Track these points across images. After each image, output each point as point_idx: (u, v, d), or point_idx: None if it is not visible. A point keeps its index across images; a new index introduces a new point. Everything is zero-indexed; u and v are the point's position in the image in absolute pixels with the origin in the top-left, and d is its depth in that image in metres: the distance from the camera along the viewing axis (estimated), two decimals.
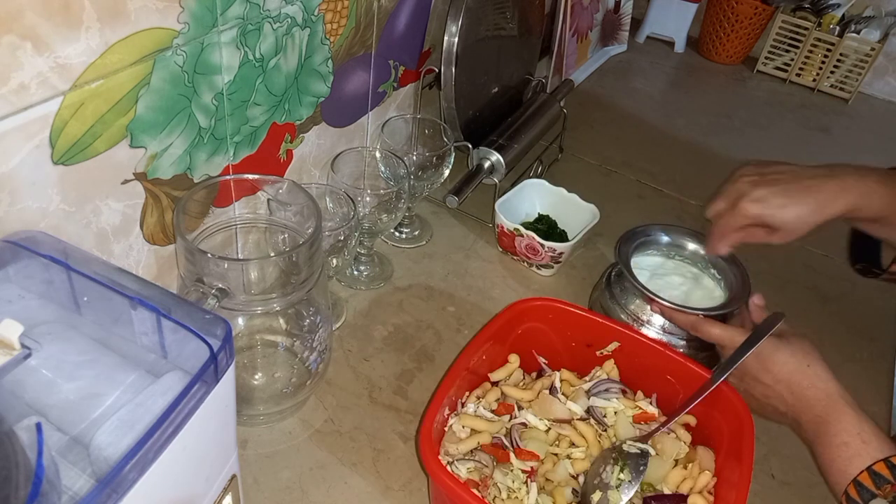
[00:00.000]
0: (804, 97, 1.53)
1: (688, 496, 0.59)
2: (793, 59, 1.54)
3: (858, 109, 1.51)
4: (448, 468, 0.56)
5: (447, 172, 0.87)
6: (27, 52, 0.44)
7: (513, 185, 0.97)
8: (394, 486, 0.64)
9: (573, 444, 0.63)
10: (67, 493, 0.39)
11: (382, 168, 0.82)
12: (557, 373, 0.68)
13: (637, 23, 1.64)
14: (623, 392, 0.67)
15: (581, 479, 0.61)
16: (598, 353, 0.69)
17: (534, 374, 0.70)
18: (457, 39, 0.87)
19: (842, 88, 1.53)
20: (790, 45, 1.53)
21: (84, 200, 0.53)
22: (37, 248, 0.46)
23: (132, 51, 0.51)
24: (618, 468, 0.59)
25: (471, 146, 0.96)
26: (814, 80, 1.54)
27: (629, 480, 0.58)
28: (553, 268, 0.90)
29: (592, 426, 0.64)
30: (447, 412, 0.62)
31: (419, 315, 0.83)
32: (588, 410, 0.65)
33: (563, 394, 0.66)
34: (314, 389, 0.71)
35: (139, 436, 0.36)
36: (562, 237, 0.93)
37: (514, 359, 0.69)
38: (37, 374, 0.42)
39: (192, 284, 0.54)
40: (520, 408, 0.65)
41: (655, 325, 0.77)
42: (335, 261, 0.72)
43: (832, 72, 1.51)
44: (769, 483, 0.70)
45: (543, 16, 1.13)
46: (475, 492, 0.54)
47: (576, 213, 0.93)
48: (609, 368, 0.68)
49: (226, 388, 0.44)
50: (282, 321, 0.71)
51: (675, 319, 0.74)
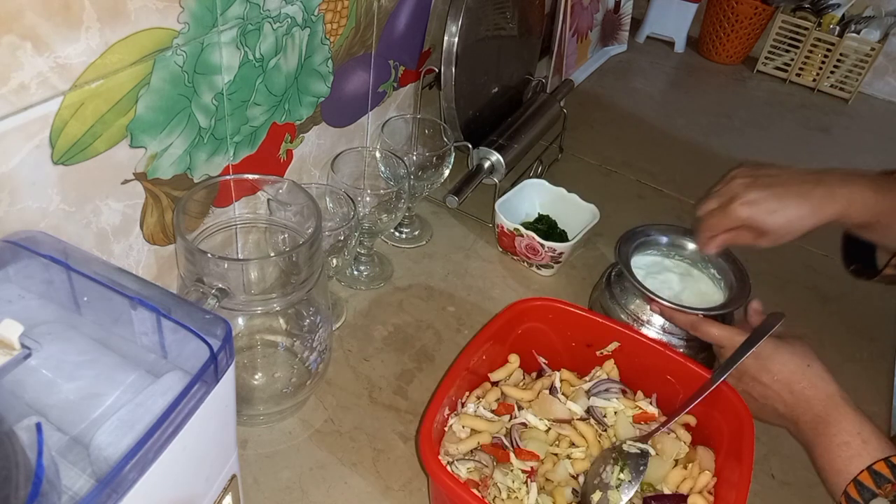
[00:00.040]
0: (804, 97, 1.53)
1: (688, 496, 0.59)
2: (793, 59, 1.54)
3: (858, 109, 1.51)
4: (448, 468, 0.56)
5: (447, 172, 0.87)
6: (27, 52, 0.44)
7: (513, 185, 0.97)
8: (394, 486, 0.64)
9: (573, 444, 0.63)
10: (67, 493, 0.39)
11: (382, 168, 0.82)
12: (557, 373, 0.68)
13: (637, 23, 1.64)
14: (623, 392, 0.67)
15: (581, 479, 0.61)
16: (598, 353, 0.69)
17: (534, 374, 0.70)
18: (457, 39, 0.87)
19: (842, 88, 1.53)
20: (790, 45, 1.53)
21: (84, 200, 0.53)
22: (37, 248, 0.46)
23: (132, 51, 0.51)
24: (618, 468, 0.59)
25: (471, 146, 0.96)
26: (814, 80, 1.54)
27: (629, 480, 0.58)
28: (553, 268, 0.90)
29: (592, 426, 0.64)
30: (447, 412, 0.62)
31: (419, 315, 0.83)
32: (588, 410, 0.65)
33: (563, 394, 0.66)
34: (314, 389, 0.71)
35: (139, 436, 0.36)
36: (562, 237, 0.93)
37: (514, 359, 0.69)
38: (37, 374, 0.42)
39: (192, 284, 0.54)
40: (520, 408, 0.65)
41: (655, 325, 0.77)
42: (335, 261, 0.72)
43: (832, 72, 1.51)
44: (769, 483, 0.70)
45: (543, 16, 1.13)
46: (475, 492, 0.54)
47: (576, 213, 0.93)
48: (609, 368, 0.68)
49: (226, 388, 0.44)
50: (282, 321, 0.71)
51: (675, 319, 0.74)
